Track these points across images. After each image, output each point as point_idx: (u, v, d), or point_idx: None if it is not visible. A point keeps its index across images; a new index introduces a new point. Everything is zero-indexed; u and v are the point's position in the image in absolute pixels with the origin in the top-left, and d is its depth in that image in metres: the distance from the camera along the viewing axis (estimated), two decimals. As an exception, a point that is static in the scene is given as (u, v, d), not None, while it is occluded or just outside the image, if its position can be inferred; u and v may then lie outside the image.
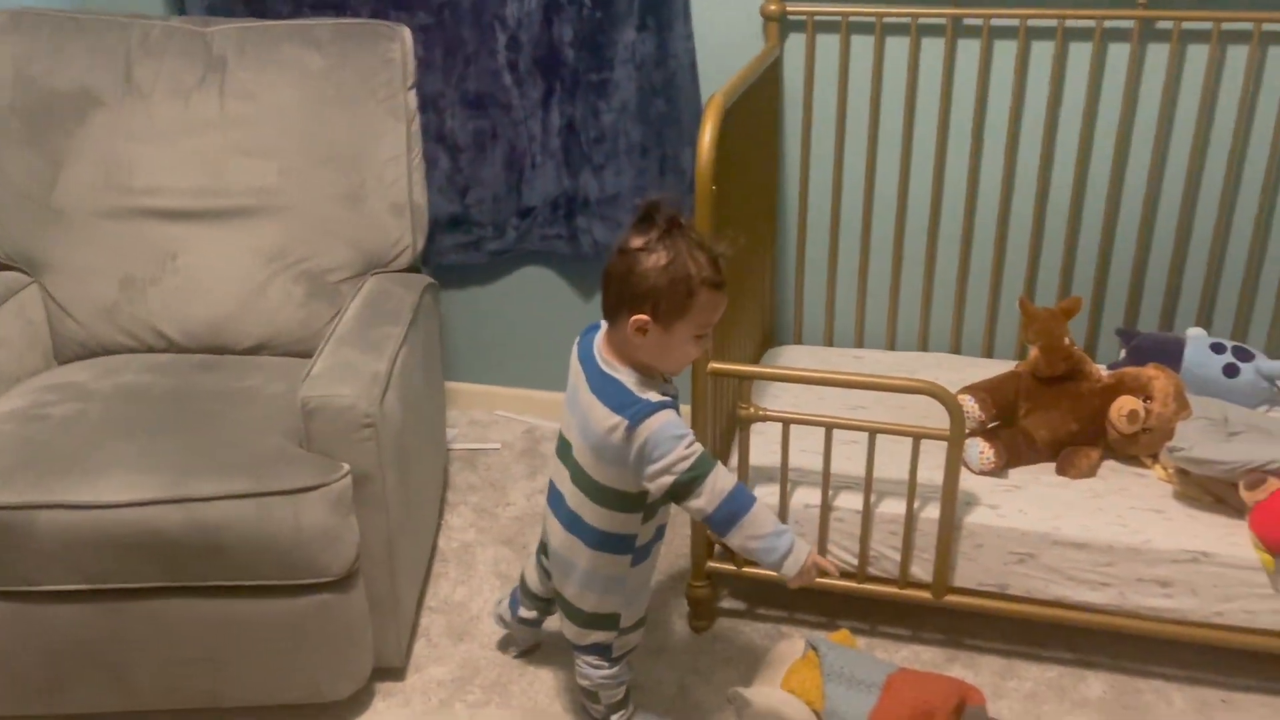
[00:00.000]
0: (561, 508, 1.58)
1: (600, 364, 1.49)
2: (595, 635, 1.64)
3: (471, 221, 2.47)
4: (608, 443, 1.46)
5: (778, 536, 1.51)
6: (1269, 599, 1.69)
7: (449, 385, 2.71)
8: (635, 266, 1.42)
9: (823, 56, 2.22)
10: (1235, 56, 2.04)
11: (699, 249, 1.44)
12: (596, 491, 1.52)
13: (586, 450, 1.51)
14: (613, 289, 1.45)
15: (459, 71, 2.34)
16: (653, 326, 1.43)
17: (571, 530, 1.57)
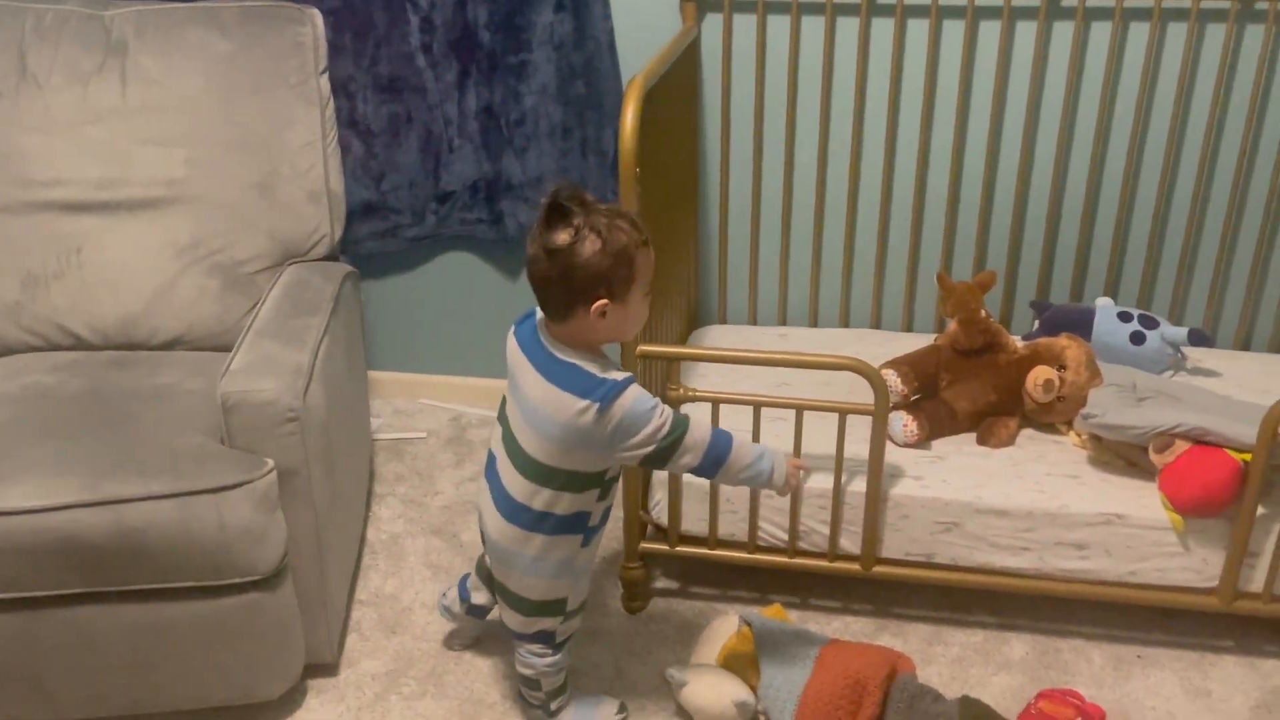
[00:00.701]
0: (504, 500, 1.55)
1: (553, 351, 1.47)
2: (541, 623, 1.63)
3: (388, 208, 2.43)
4: (575, 427, 1.44)
5: (760, 460, 1.54)
6: (1179, 557, 1.76)
7: (372, 374, 2.66)
8: (575, 260, 1.40)
9: (740, 36, 2.23)
10: (1137, 33, 2.11)
11: (616, 216, 1.43)
12: (550, 477, 1.50)
13: (544, 440, 1.48)
14: (556, 290, 1.43)
15: (370, 55, 2.29)
16: (611, 306, 1.43)
17: (515, 521, 1.54)
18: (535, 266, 1.44)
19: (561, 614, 1.63)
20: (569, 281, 1.41)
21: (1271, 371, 2.16)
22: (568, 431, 1.45)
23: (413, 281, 2.59)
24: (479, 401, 2.66)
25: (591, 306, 1.42)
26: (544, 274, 1.43)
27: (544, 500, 1.51)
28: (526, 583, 1.59)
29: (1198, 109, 2.15)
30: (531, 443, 1.49)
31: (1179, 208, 2.23)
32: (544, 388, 1.46)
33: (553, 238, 1.41)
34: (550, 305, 1.46)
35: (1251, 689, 1.77)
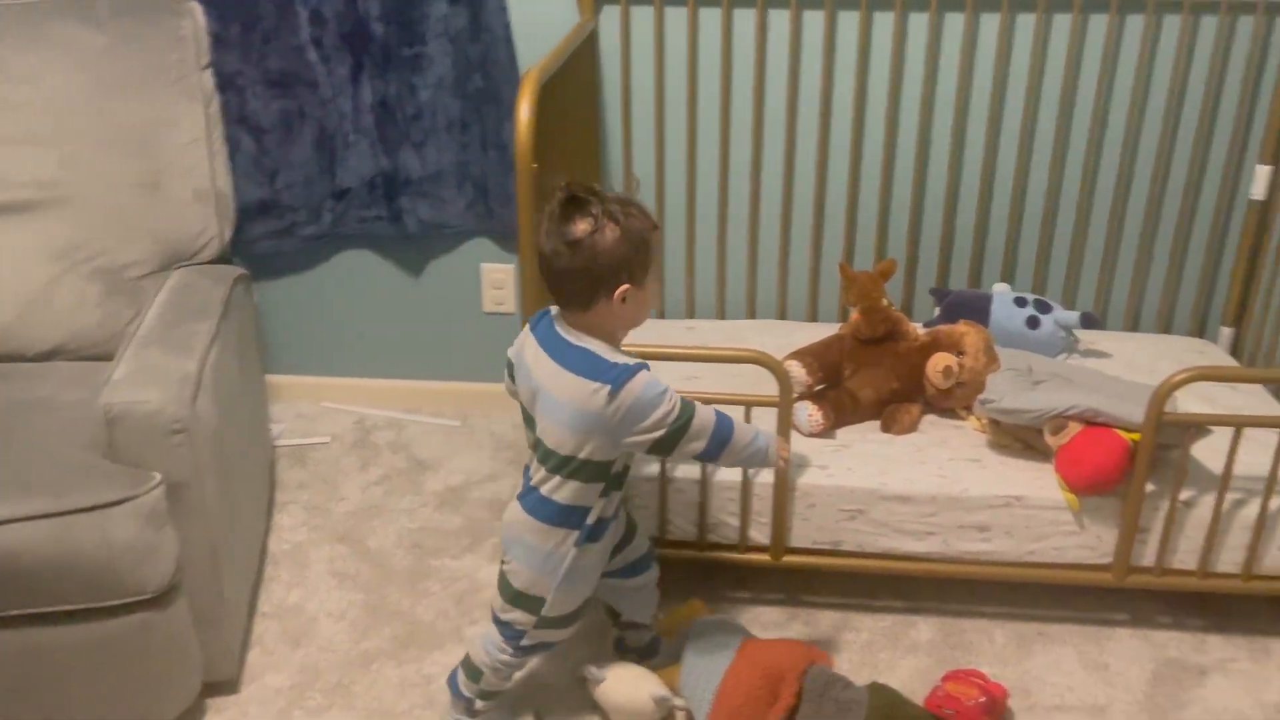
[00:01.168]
0: (525, 480, 1.55)
1: (568, 339, 1.48)
2: (514, 614, 1.57)
3: (283, 206, 2.35)
4: (588, 410, 1.43)
5: (757, 438, 1.57)
6: (1075, 535, 1.81)
7: (271, 379, 2.58)
8: (598, 249, 1.41)
9: (638, 28, 2.22)
10: (1024, 24, 2.16)
11: (627, 204, 1.45)
12: (563, 466, 1.48)
13: (560, 428, 1.46)
14: (579, 281, 1.43)
15: (258, 48, 2.21)
16: (631, 291, 1.45)
17: (522, 500, 1.53)
18: (556, 261, 1.43)
19: (536, 614, 1.56)
20: (592, 271, 1.42)
21: (1159, 351, 2.24)
22: (581, 416, 1.44)
23: (311, 281, 2.52)
24: (384, 403, 2.60)
25: (615, 293, 1.44)
26: (565, 267, 1.43)
27: (550, 486, 1.50)
28: (515, 567, 1.55)
29: (1082, 102, 2.21)
30: (551, 434, 1.48)
31: (1068, 196, 2.29)
32: (560, 375, 1.46)
33: (573, 229, 1.42)
34: (572, 297, 1.46)
35: (1146, 660, 1.83)
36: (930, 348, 2.01)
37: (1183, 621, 1.91)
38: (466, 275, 2.50)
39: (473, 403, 2.60)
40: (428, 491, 2.29)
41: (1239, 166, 2.23)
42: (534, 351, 1.51)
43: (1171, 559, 1.81)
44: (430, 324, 2.55)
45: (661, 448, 1.49)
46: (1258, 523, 1.75)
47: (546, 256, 1.45)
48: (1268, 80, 2.16)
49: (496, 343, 2.49)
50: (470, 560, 2.08)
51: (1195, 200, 2.26)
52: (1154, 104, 2.20)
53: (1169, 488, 1.75)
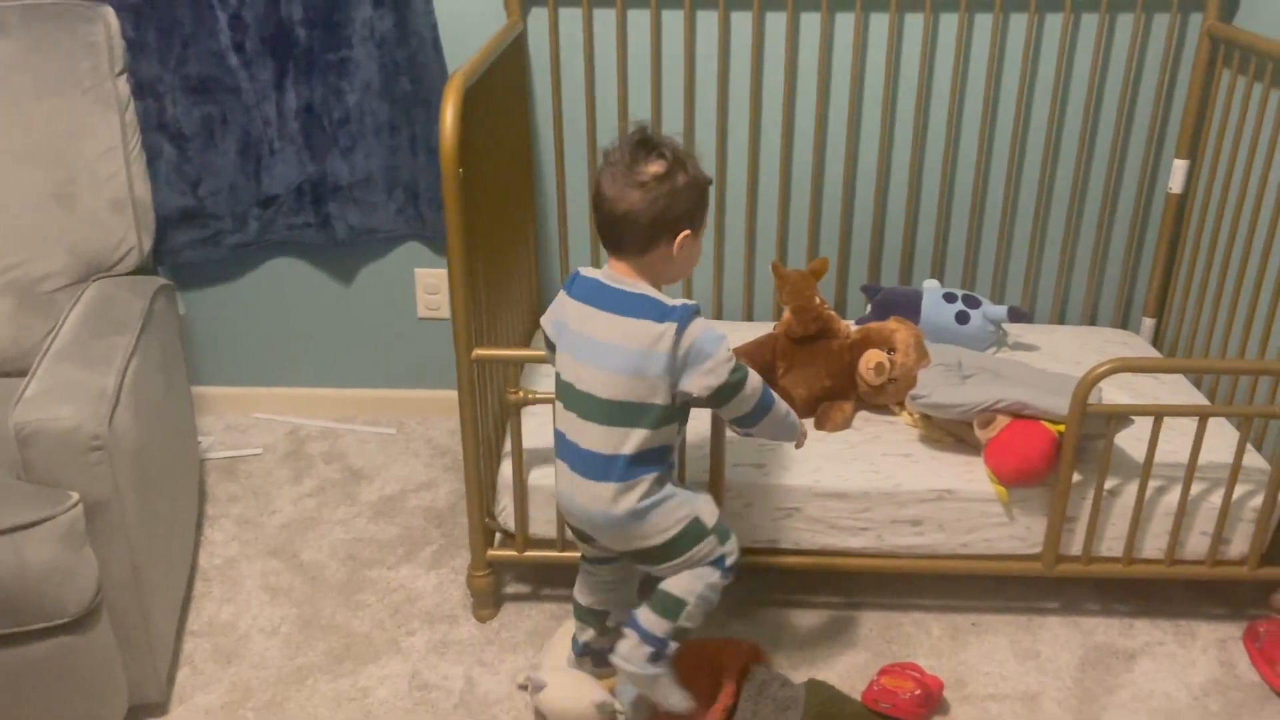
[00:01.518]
0: (592, 464, 1.47)
1: (621, 287, 1.46)
2: (696, 552, 1.52)
3: (207, 214, 2.30)
4: (654, 353, 1.42)
5: (790, 412, 1.58)
6: (1005, 526, 1.84)
7: (200, 390, 2.53)
8: (670, 189, 1.42)
9: (566, 29, 2.21)
10: (947, 24, 2.19)
11: (689, 153, 1.47)
12: (636, 416, 1.45)
13: (623, 375, 1.44)
14: (640, 224, 1.43)
15: (177, 54, 2.16)
16: (688, 239, 1.46)
17: (612, 476, 1.46)
18: (620, 203, 1.42)
19: (706, 533, 1.52)
20: (659, 212, 1.42)
21: (1084, 342, 2.29)
22: (647, 359, 1.43)
23: (240, 290, 2.47)
24: (318, 413, 2.56)
25: (676, 238, 1.45)
26: (631, 208, 1.42)
27: (633, 442, 1.46)
28: (651, 526, 1.49)
29: (1005, 101, 2.24)
30: (610, 385, 1.45)
31: (994, 193, 2.33)
32: (618, 323, 1.45)
33: (644, 169, 1.42)
34: (631, 241, 1.45)
35: (1076, 647, 1.87)
36: (862, 345, 2.02)
37: (1111, 607, 1.95)
38: (400, 280, 2.47)
39: (409, 410, 2.57)
40: (363, 501, 2.26)
41: (1157, 161, 2.28)
42: (578, 311, 1.49)
43: (1099, 547, 1.85)
44: (364, 331, 2.52)
45: (719, 398, 1.47)
46: (1179, 509, 1.79)
47: (609, 199, 1.43)
48: (1182, 76, 2.21)
49: (432, 348, 2.48)
50: (407, 570, 2.06)
51: (1116, 195, 2.32)
52: (1074, 102, 2.24)
53: (1095, 477, 1.79)
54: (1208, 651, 1.85)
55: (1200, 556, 1.84)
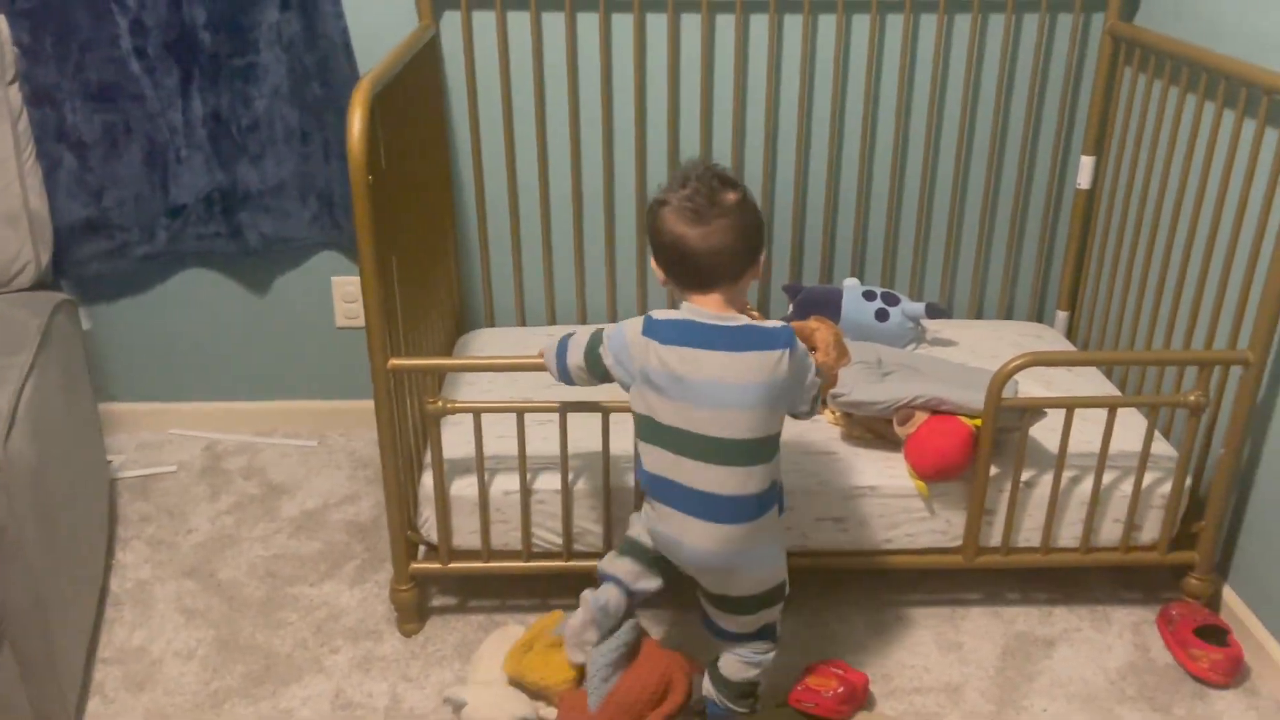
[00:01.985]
0: (720, 508, 1.46)
1: (722, 323, 1.45)
2: (766, 616, 1.57)
3: (112, 225, 2.23)
4: (777, 381, 1.44)
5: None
6: (926, 521, 1.87)
7: (111, 408, 2.45)
8: (750, 217, 1.47)
9: (480, 33, 2.18)
10: (860, 25, 2.21)
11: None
12: (756, 453, 1.46)
13: (749, 411, 1.43)
14: (739, 251, 1.45)
15: (75, 60, 2.09)
16: (762, 259, 1.51)
17: (742, 518, 1.47)
18: (711, 238, 1.43)
19: (781, 599, 1.58)
20: (747, 239, 1.46)
21: (1000, 336, 2.33)
22: (771, 389, 1.44)
23: (150, 303, 2.40)
24: (235, 427, 2.50)
25: (759, 260, 1.49)
26: (723, 240, 1.44)
27: (757, 480, 1.47)
28: (757, 577, 1.53)
29: (918, 101, 2.27)
30: (742, 424, 1.44)
31: (910, 192, 2.36)
32: (735, 359, 1.43)
33: (727, 198, 1.45)
34: (728, 271, 1.46)
35: (998, 636, 1.90)
36: None
37: (1031, 596, 1.99)
38: (317, 289, 2.41)
39: (330, 421, 2.51)
40: (283, 517, 2.21)
41: (1065, 158, 2.34)
42: (680, 355, 1.44)
43: (1017, 538, 1.88)
44: (281, 342, 2.46)
45: (814, 403, 1.53)
46: (1092, 498, 1.83)
47: (695, 236, 1.43)
48: (1087, 75, 2.27)
49: (352, 357, 2.44)
50: (329, 586, 2.01)
51: (1027, 192, 2.36)
52: (984, 101, 2.28)
53: (1012, 470, 1.82)
54: (1123, 636, 1.90)
55: (1114, 543, 1.89)
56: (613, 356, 1.52)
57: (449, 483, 1.81)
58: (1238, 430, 1.78)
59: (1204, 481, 1.91)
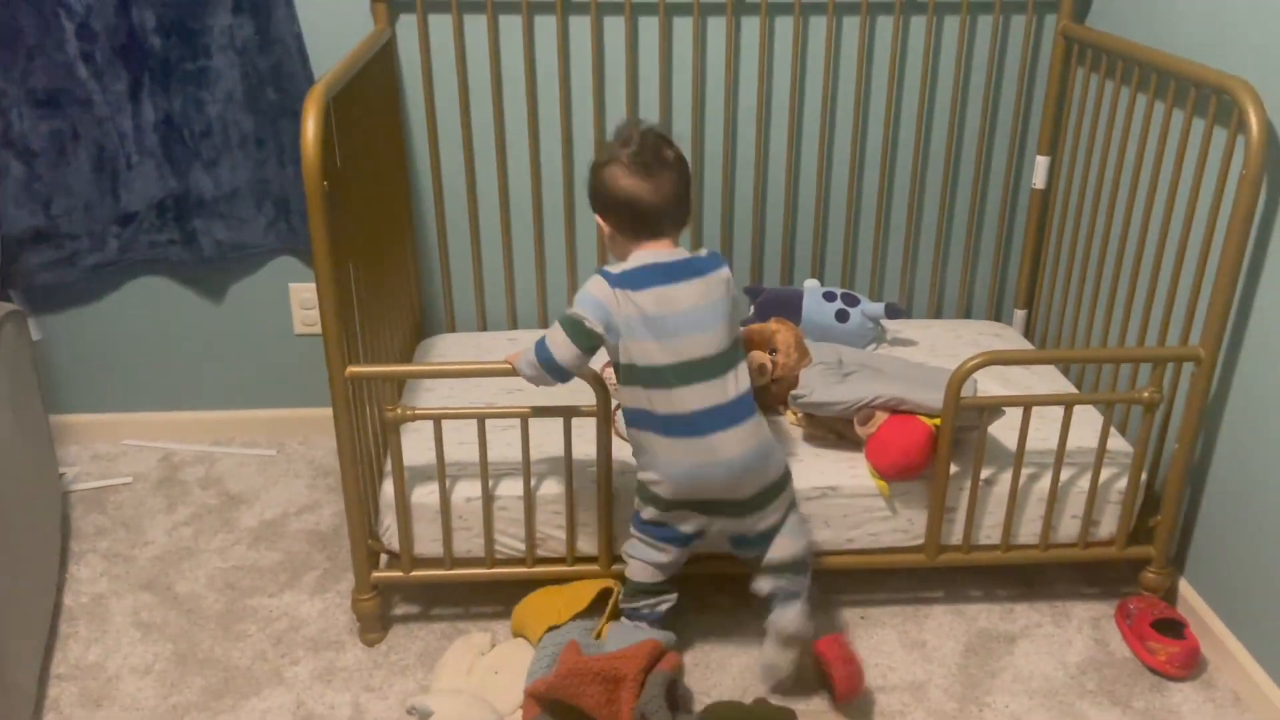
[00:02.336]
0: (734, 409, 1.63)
1: (678, 257, 1.64)
2: (789, 493, 1.73)
3: (61, 234, 2.18)
4: (729, 295, 1.65)
5: None
6: (888, 520, 1.88)
7: (64, 420, 2.40)
8: (688, 170, 1.67)
9: (437, 37, 2.17)
10: (816, 27, 2.22)
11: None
12: (735, 357, 1.65)
13: (724, 322, 1.63)
14: (685, 196, 1.66)
15: (21, 66, 2.05)
16: None
17: (750, 414, 1.65)
18: (664, 187, 1.62)
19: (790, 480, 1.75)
20: (688, 188, 1.66)
21: (959, 336, 2.35)
22: (728, 303, 1.65)
23: (102, 312, 2.36)
24: (192, 437, 2.46)
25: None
26: (676, 186, 1.64)
27: (742, 376, 1.66)
28: (779, 460, 1.70)
29: (875, 103, 2.29)
30: (716, 340, 1.62)
31: (868, 193, 2.37)
32: (701, 283, 1.62)
33: (670, 154, 1.64)
34: (677, 216, 1.66)
35: (960, 634, 1.91)
36: (744, 346, 2.03)
37: (992, 593, 2.01)
38: (273, 296, 2.39)
39: (289, 430, 2.49)
40: (241, 528, 2.18)
41: (1020, 158, 2.36)
42: (654, 296, 1.59)
43: (978, 535, 1.90)
44: (238, 350, 2.43)
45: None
46: (1050, 494, 1.85)
47: (649, 188, 1.61)
48: (1040, 76, 2.29)
49: (310, 364, 2.41)
50: (290, 596, 1.99)
51: (984, 191, 2.39)
52: (940, 102, 2.30)
53: (971, 468, 1.83)
54: (1083, 631, 1.92)
55: (1073, 539, 1.91)
56: (596, 320, 1.59)
57: (410, 490, 1.80)
58: (1191, 426, 1.81)
59: (1159, 477, 1.94)
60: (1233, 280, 1.71)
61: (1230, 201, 1.70)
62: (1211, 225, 1.78)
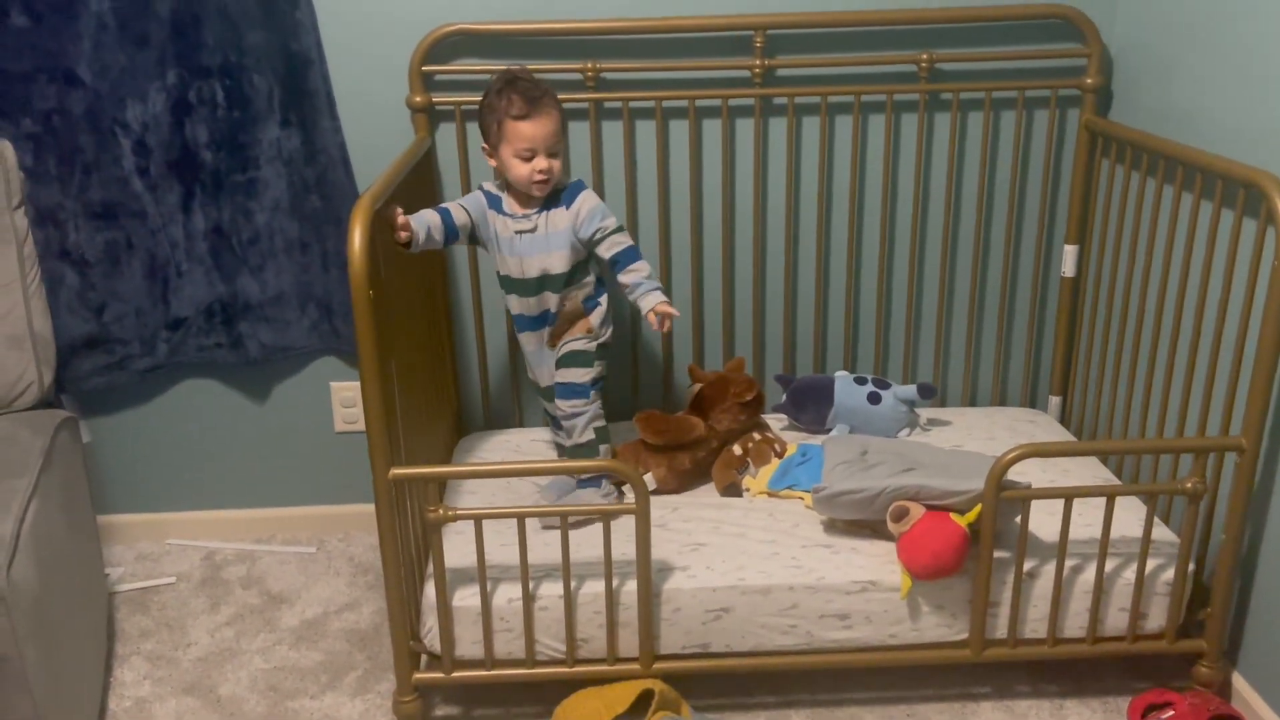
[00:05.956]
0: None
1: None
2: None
3: (112, 340, 2.25)
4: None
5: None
6: (932, 614, 1.85)
7: (110, 520, 2.44)
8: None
9: (474, 143, 2.23)
10: (843, 125, 2.28)
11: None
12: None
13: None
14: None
15: (79, 181, 2.14)
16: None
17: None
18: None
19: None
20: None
21: (995, 420, 2.35)
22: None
23: (150, 414, 2.41)
24: (234, 535, 2.49)
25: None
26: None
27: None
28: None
29: (903, 196, 2.33)
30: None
31: (898, 285, 2.40)
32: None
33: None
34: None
35: (1010, 731, 1.88)
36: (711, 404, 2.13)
37: (1041, 689, 1.97)
38: (315, 395, 2.43)
39: (329, 526, 2.51)
40: (283, 628, 2.19)
41: (1049, 247, 2.39)
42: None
43: (1023, 629, 1.87)
44: (280, 448, 2.46)
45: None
46: (1096, 587, 1.83)
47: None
48: (1066, 167, 2.33)
49: (350, 462, 2.44)
50: (331, 698, 1.98)
51: (1014, 281, 2.41)
52: (967, 195, 2.34)
53: (1013, 560, 1.82)
54: (1136, 727, 1.87)
55: (1121, 632, 1.87)
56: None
57: (451, 592, 1.80)
58: (1237, 516, 1.79)
59: (1207, 567, 1.91)
60: (1271, 370, 1.70)
61: (1263, 289, 1.71)
62: (1246, 314, 1.78)
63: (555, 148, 1.92)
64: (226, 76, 2.12)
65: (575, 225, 1.95)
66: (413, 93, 2.17)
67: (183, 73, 2.11)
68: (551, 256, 1.97)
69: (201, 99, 2.13)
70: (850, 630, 1.86)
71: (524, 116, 1.88)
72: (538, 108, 1.89)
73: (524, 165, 1.90)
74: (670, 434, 2.05)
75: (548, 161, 1.91)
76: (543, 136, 1.89)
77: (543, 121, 1.89)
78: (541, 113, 1.89)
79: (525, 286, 2.00)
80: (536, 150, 1.90)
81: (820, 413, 2.27)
